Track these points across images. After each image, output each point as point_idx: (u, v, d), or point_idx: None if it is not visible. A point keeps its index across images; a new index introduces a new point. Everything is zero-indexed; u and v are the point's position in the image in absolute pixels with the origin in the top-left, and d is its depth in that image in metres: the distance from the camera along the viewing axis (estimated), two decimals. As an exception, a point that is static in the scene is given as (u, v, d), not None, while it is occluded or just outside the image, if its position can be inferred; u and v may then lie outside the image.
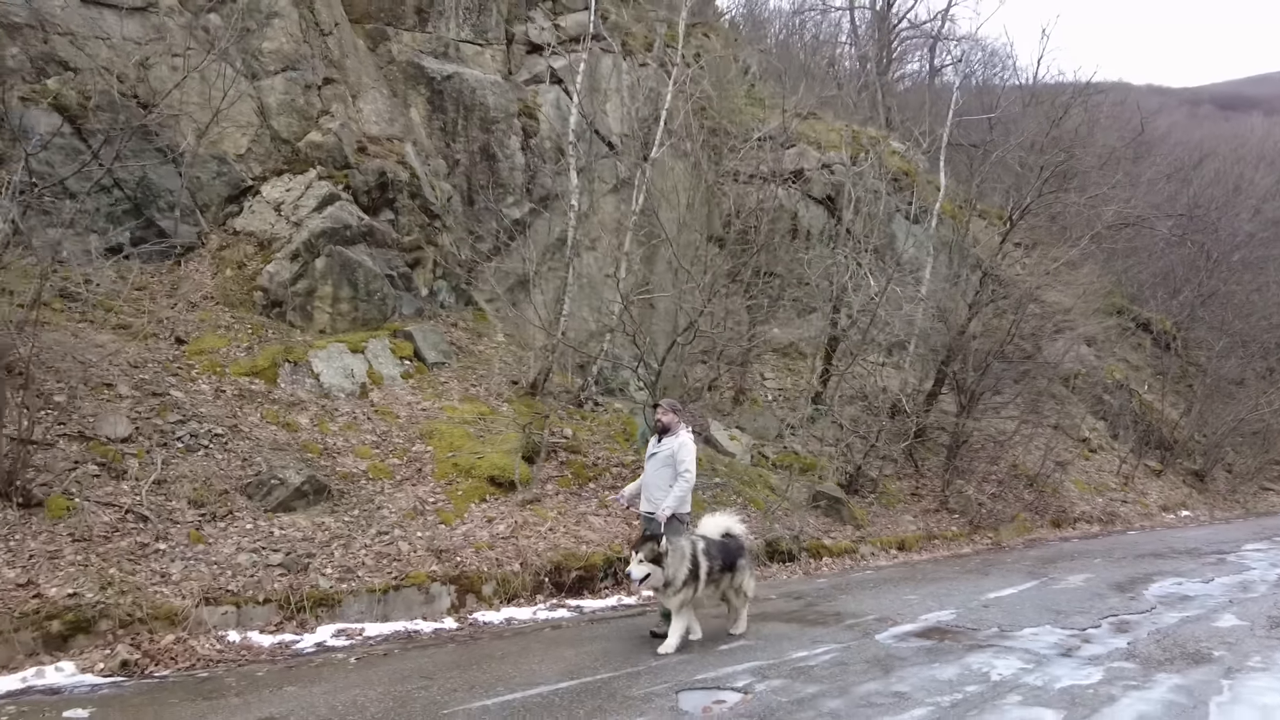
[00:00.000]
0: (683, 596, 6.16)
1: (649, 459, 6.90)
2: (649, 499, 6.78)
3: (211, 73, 12.00)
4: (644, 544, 6.14)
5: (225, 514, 7.30)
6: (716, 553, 6.46)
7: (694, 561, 6.22)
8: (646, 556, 6.02)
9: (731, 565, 6.61)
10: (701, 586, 6.27)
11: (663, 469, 6.71)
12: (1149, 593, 8.87)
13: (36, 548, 6.12)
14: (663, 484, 6.69)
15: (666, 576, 6.04)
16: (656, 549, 6.04)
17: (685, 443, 6.70)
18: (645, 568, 6.00)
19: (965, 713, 4.87)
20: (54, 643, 5.50)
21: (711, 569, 6.34)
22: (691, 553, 6.25)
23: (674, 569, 6.08)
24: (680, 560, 6.14)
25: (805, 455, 14.15)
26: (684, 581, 6.12)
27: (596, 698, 5.02)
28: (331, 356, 10.15)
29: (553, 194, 15.86)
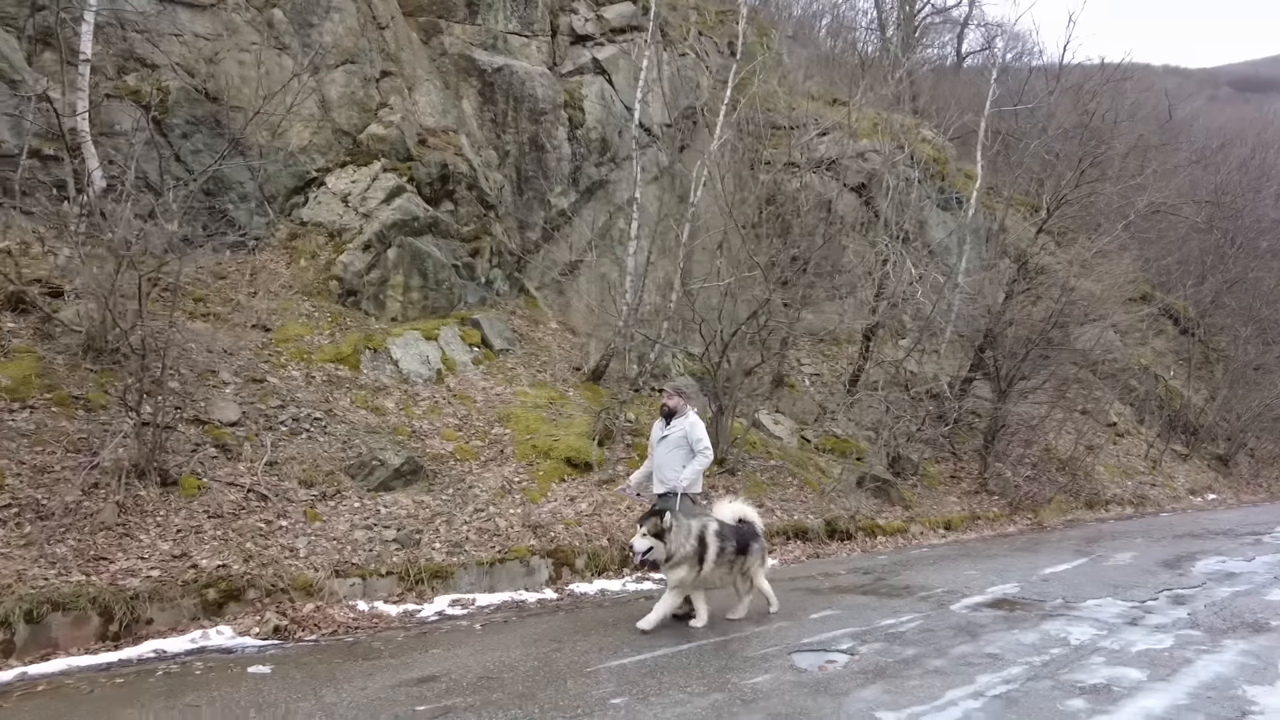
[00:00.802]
0: (682, 574, 6.14)
1: (659, 442, 6.95)
2: (662, 480, 6.84)
3: (275, 66, 12.43)
4: (649, 518, 6.22)
5: (334, 493, 7.81)
6: (730, 535, 6.45)
7: (701, 541, 6.21)
8: (650, 530, 6.09)
9: (744, 549, 6.56)
10: (709, 567, 6.23)
11: (675, 450, 6.81)
12: (1196, 569, 9.34)
13: (180, 523, 6.63)
14: (676, 465, 6.78)
15: (669, 550, 6.08)
16: (660, 524, 6.10)
17: (695, 422, 6.84)
18: (648, 541, 6.08)
19: (1057, 670, 5.36)
20: (211, 609, 6.02)
21: (723, 549, 6.32)
22: (700, 532, 6.24)
23: (677, 543, 6.10)
24: (685, 536, 6.14)
25: (845, 439, 14.65)
26: (685, 557, 6.11)
27: (718, 657, 5.52)
28: (408, 344, 10.63)
29: (598, 183, 16.29)
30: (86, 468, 6.68)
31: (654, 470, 6.99)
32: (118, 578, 5.86)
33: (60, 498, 6.29)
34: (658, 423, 7.08)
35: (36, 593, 5.44)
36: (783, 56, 22.60)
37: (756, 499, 10.57)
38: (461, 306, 12.22)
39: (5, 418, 6.81)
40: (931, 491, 13.45)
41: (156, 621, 5.78)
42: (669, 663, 5.39)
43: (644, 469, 7.26)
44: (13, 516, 5.98)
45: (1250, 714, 4.62)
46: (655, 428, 7.10)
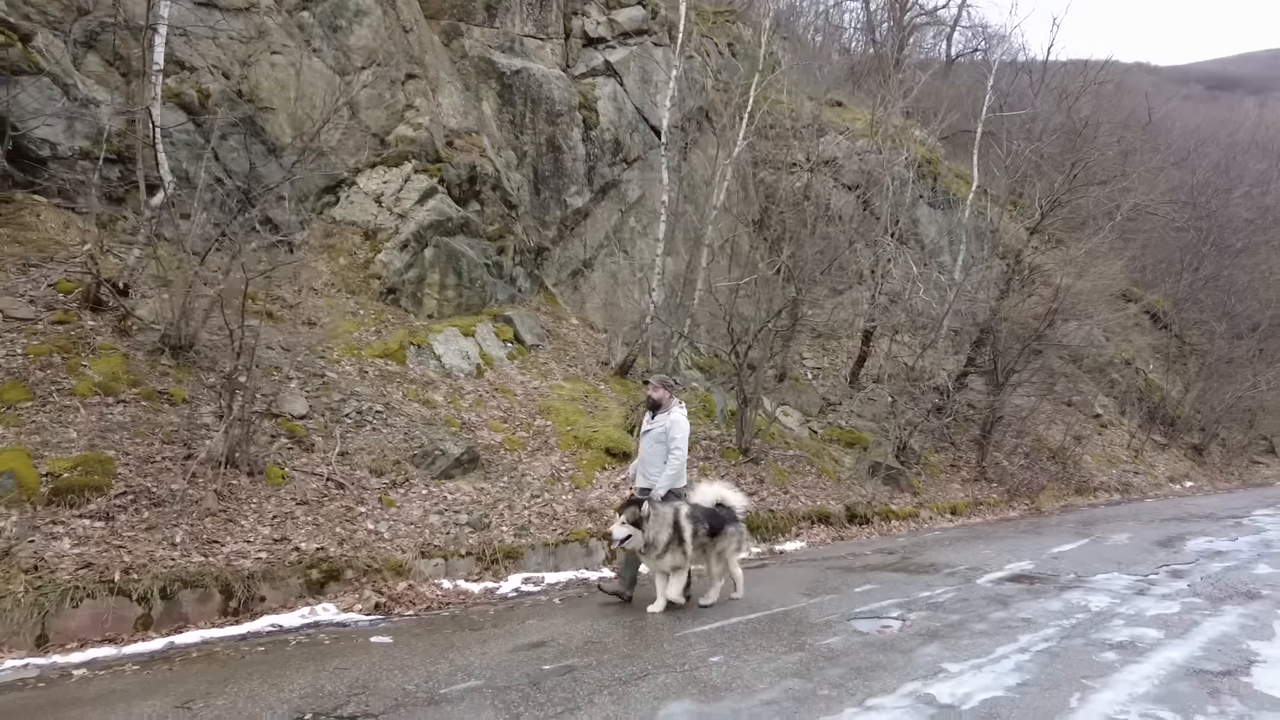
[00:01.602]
0: (671, 560, 6.36)
1: (643, 435, 7.04)
2: (644, 474, 6.96)
3: (306, 68, 12.85)
4: (627, 507, 6.44)
5: (403, 481, 8.36)
6: (703, 517, 6.58)
7: (676, 526, 6.37)
8: (628, 519, 6.31)
9: (717, 532, 6.68)
10: (690, 550, 6.42)
11: (656, 445, 6.86)
12: (1188, 548, 10.24)
13: (274, 510, 7.16)
14: (656, 460, 6.84)
15: (647, 539, 6.28)
16: (638, 512, 6.31)
17: (678, 420, 6.86)
18: (626, 529, 6.30)
19: (1087, 631, 6.12)
20: (314, 588, 6.57)
21: (696, 532, 6.46)
22: (674, 518, 6.40)
23: (654, 532, 6.28)
24: (661, 525, 6.31)
25: (850, 430, 15.42)
26: (665, 545, 6.30)
27: (788, 623, 6.21)
28: (448, 340, 11.17)
29: (611, 183, 16.86)
30: (182, 458, 7.19)
31: (638, 465, 7.11)
32: (231, 559, 6.40)
33: (167, 486, 6.80)
34: (645, 416, 7.19)
35: (168, 572, 5.97)
36: (778, 59, 23.25)
37: (782, 485, 11.30)
38: (493, 304, 12.76)
39: (104, 411, 7.28)
40: (934, 479, 14.28)
41: (269, 599, 6.33)
42: (746, 629, 6.06)
43: (635, 464, 7.36)
44: (130, 504, 6.48)
45: (1256, 662, 5.40)
46: (643, 421, 7.23)
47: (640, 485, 6.99)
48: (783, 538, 10.08)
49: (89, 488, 6.42)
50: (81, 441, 6.83)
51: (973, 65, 28.42)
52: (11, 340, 7.58)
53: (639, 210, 17.51)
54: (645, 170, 17.60)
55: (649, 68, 17.86)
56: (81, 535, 6.06)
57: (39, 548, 5.78)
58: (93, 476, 6.51)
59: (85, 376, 7.57)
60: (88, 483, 6.44)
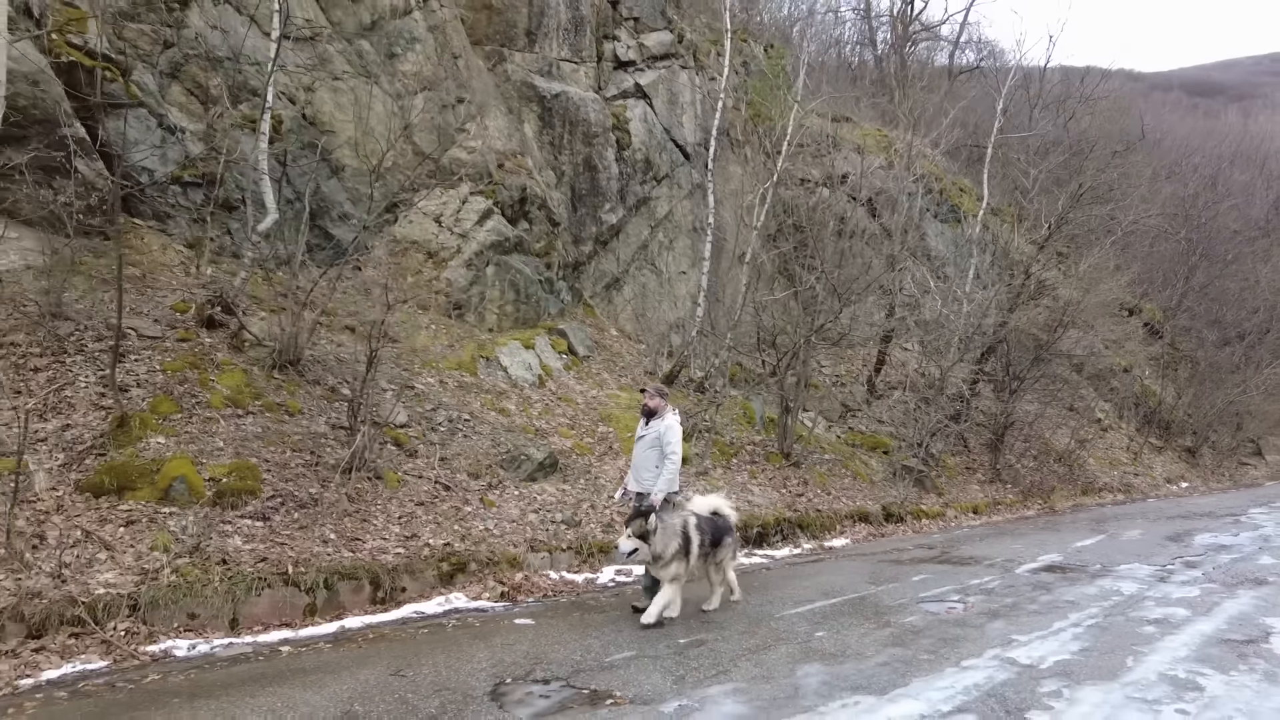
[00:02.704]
0: (674, 569, 6.49)
1: (637, 441, 7.23)
2: (638, 479, 7.13)
3: (364, 93, 13.71)
4: (634, 520, 6.57)
5: (497, 484, 9.26)
6: (706, 528, 6.83)
7: (685, 537, 6.56)
8: (635, 532, 6.45)
9: (718, 542, 6.94)
10: (693, 561, 6.63)
11: (650, 450, 7.05)
12: (1196, 542, 11.32)
13: (398, 510, 8.04)
14: (650, 465, 7.03)
15: (654, 551, 6.42)
16: (644, 525, 6.44)
17: (672, 425, 7.04)
18: (633, 542, 6.45)
19: (1124, 610, 7.13)
20: (445, 579, 7.45)
21: (702, 543, 6.71)
22: (683, 528, 6.58)
23: (662, 544, 6.44)
24: (671, 536, 6.48)
25: (870, 435, 16.45)
26: (674, 555, 6.46)
27: (867, 606, 7.17)
28: (512, 352, 12.07)
29: (642, 200, 17.82)
30: (311, 464, 8.05)
31: (632, 469, 7.30)
32: (374, 554, 7.27)
33: (305, 490, 7.66)
34: (640, 422, 7.35)
35: (328, 565, 6.84)
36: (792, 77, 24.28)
37: (824, 487, 12.28)
38: (545, 318, 13.68)
39: (238, 422, 8.13)
40: (954, 481, 15.33)
41: (409, 589, 7.20)
42: (833, 611, 7.02)
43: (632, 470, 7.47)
44: (280, 506, 7.34)
45: (1273, 633, 6.43)
46: (638, 427, 7.39)
47: (634, 489, 7.19)
48: (829, 535, 11.05)
49: (244, 492, 7.28)
50: (229, 450, 7.68)
51: (975, 78, 29.65)
52: (149, 357, 8.41)
53: (666, 225, 18.50)
54: (672, 188, 18.60)
55: (676, 90, 18.85)
56: (248, 533, 6.92)
57: (220, 544, 6.64)
58: (246, 481, 7.37)
59: (215, 390, 8.41)
60: (242, 487, 7.30)
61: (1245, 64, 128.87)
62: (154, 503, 6.85)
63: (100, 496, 6.78)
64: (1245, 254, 29.68)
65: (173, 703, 4.68)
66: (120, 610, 5.81)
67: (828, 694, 4.84)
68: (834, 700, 4.73)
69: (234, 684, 5.02)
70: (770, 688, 4.94)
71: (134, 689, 4.95)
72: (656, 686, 4.96)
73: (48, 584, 5.77)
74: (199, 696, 4.78)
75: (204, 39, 12.20)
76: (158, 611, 5.96)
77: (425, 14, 14.70)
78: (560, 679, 5.12)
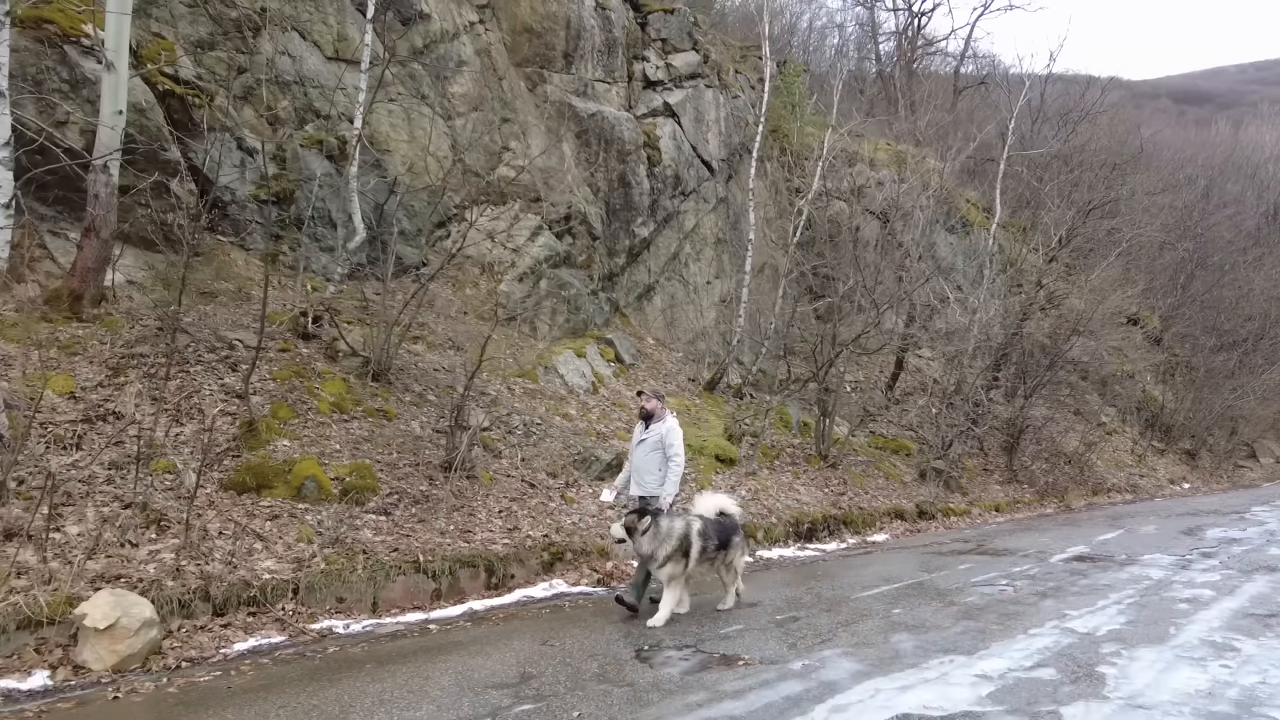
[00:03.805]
0: (670, 570, 6.60)
1: (637, 445, 7.31)
2: (640, 483, 7.22)
3: (417, 114, 14.58)
4: (631, 513, 6.87)
5: (572, 482, 10.10)
6: (712, 532, 6.86)
7: (684, 540, 6.64)
8: (625, 524, 6.75)
9: (726, 543, 6.98)
10: (693, 563, 6.70)
11: (653, 453, 7.17)
12: (1208, 536, 12.30)
13: (496, 505, 8.87)
14: (653, 468, 7.14)
15: (641, 551, 6.66)
16: (634, 521, 6.70)
17: (673, 427, 7.17)
18: (620, 531, 6.81)
19: (1158, 591, 8.06)
20: (545, 567, 8.29)
21: (705, 547, 6.75)
22: (684, 532, 6.67)
23: (650, 546, 6.59)
24: (662, 540, 6.58)
25: (893, 438, 17.38)
26: (667, 557, 6.56)
27: (928, 589, 8.06)
28: (567, 360, 12.92)
29: (671, 214, 18.72)
30: (415, 464, 8.88)
31: (633, 473, 7.36)
32: (484, 544, 8.10)
33: (415, 487, 8.49)
34: (638, 425, 7.46)
35: (451, 555, 7.66)
36: (807, 94, 25.30)
37: (862, 487, 13.19)
38: (592, 327, 14.54)
39: (347, 426, 8.95)
40: (973, 481, 16.28)
41: (516, 576, 8.04)
42: (899, 593, 7.90)
43: (625, 473, 7.64)
44: (397, 502, 8.16)
45: (1291, 609, 7.37)
46: (635, 431, 7.50)
47: (636, 494, 7.24)
48: (870, 530, 11.96)
49: (365, 489, 8.10)
50: (345, 452, 8.50)
51: (979, 91, 30.83)
52: (258, 367, 9.21)
53: (693, 238, 19.43)
54: (699, 202, 19.53)
55: (702, 108, 19.79)
56: (375, 527, 7.74)
57: (353, 536, 7.46)
58: (365, 480, 8.19)
59: (321, 397, 9.23)
60: (363, 485, 8.12)
61: (1231, 72, 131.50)
62: (290, 500, 7.66)
63: (243, 494, 7.59)
64: (1239, 263, 30.92)
65: (366, 667, 5.50)
66: (285, 593, 6.63)
67: (924, 655, 5.72)
68: (932, 659, 5.61)
69: (408, 654, 5.84)
70: (874, 651, 5.82)
71: (323, 657, 5.77)
72: (775, 651, 5.82)
73: (223, 570, 6.57)
74: (385, 664, 5.60)
75: (273, 64, 13.03)
76: (313, 595, 6.77)
77: (472, 38, 15.61)
78: (690, 646, 5.98)
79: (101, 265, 9.26)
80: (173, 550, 6.59)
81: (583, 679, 5.17)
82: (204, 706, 4.71)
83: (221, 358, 9.16)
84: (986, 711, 4.59)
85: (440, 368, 11.22)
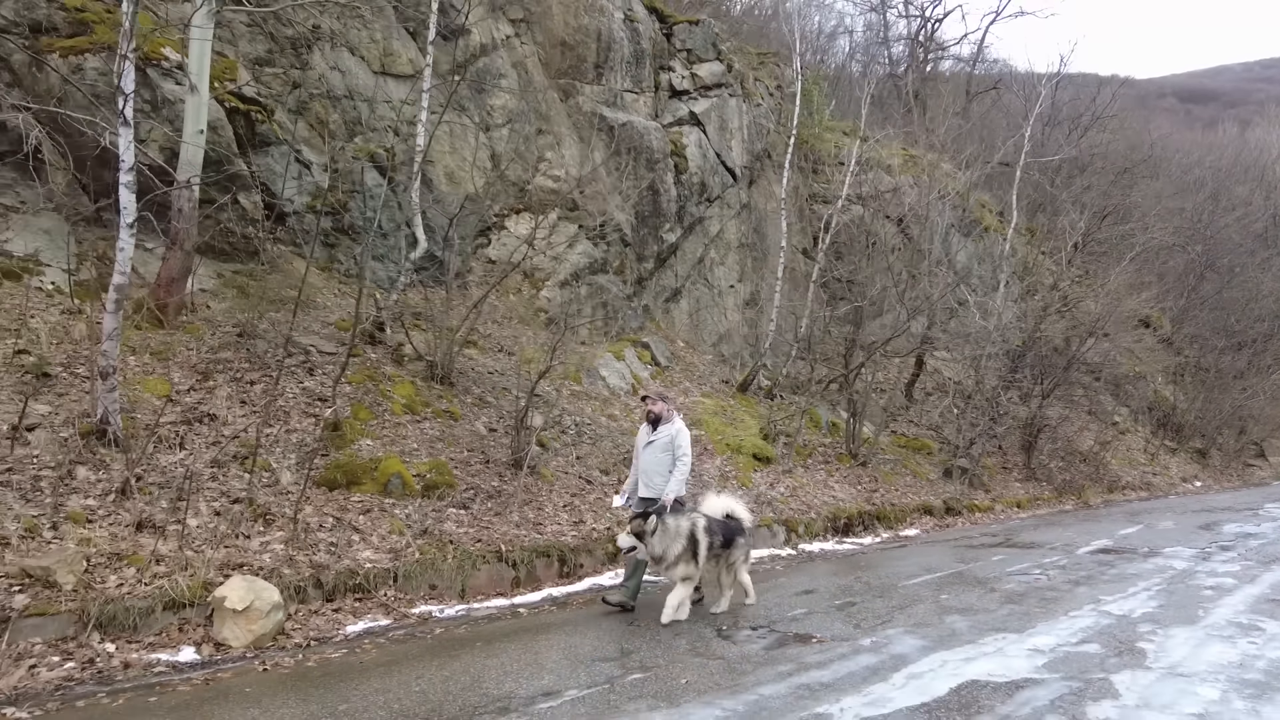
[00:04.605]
0: (682, 570, 6.67)
1: (645, 447, 7.39)
2: (648, 485, 7.29)
3: (458, 125, 15.21)
4: (635, 519, 6.91)
5: (624, 478, 10.71)
6: (717, 529, 6.92)
7: (691, 538, 6.70)
8: (633, 530, 6.78)
9: (729, 544, 7.03)
10: (702, 561, 6.76)
11: (662, 455, 7.25)
12: (1224, 530, 12.93)
13: (560, 500, 9.51)
14: (662, 469, 7.21)
15: (653, 553, 6.68)
16: (642, 525, 6.72)
17: (682, 429, 7.28)
18: (630, 539, 6.81)
19: (1183, 580, 8.69)
20: (610, 558, 8.92)
21: (711, 544, 6.81)
22: (690, 530, 6.72)
23: (661, 546, 6.65)
24: (673, 539, 6.65)
25: (914, 438, 18.01)
26: (678, 557, 6.63)
27: (968, 578, 8.69)
28: (608, 363, 13.55)
29: (697, 220, 19.36)
30: (484, 461, 9.52)
31: (639, 475, 7.42)
32: (555, 536, 8.74)
33: (488, 483, 9.13)
34: (644, 427, 7.55)
35: (529, 545, 8.30)
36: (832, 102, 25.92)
37: (891, 484, 13.82)
38: (628, 331, 15.17)
39: (420, 426, 9.59)
40: (993, 479, 16.90)
41: (585, 565, 8.68)
42: (942, 581, 8.54)
43: (632, 477, 7.63)
44: (474, 497, 8.80)
45: (1308, 595, 8.00)
46: (641, 433, 7.57)
47: (644, 495, 7.32)
48: (901, 525, 12.59)
49: (443, 485, 8.74)
50: (422, 451, 9.14)
51: (990, 96, 31.47)
52: (330, 371, 9.85)
53: (718, 243, 20.06)
54: (723, 208, 20.16)
55: (726, 116, 20.42)
56: (456, 520, 8.38)
57: (439, 528, 8.10)
58: (443, 476, 8.83)
59: (394, 399, 9.87)
60: (442, 481, 8.76)
61: (1236, 70, 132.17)
62: (378, 495, 8.30)
63: (334, 490, 8.23)
64: (1248, 264, 31.54)
65: (476, 645, 6.14)
66: (386, 580, 7.27)
67: (978, 633, 6.35)
68: (986, 637, 6.25)
69: (509, 634, 6.48)
70: (932, 630, 6.45)
71: (433, 638, 6.41)
72: (843, 630, 6.46)
73: (329, 559, 7.22)
74: (493, 642, 6.23)
75: (325, 79, 13.68)
76: (410, 582, 7.41)
77: (509, 51, 16.24)
78: (764, 626, 6.61)
79: (184, 275, 9.90)
80: (282, 541, 7.23)
81: (677, 653, 5.81)
82: (347, 678, 5.34)
83: (299, 362, 9.80)
84: (1045, 678, 5.22)
85: (494, 371, 11.86)
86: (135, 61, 7.52)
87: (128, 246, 7.42)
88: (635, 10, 18.81)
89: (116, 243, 7.48)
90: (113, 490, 7.22)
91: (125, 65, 7.30)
